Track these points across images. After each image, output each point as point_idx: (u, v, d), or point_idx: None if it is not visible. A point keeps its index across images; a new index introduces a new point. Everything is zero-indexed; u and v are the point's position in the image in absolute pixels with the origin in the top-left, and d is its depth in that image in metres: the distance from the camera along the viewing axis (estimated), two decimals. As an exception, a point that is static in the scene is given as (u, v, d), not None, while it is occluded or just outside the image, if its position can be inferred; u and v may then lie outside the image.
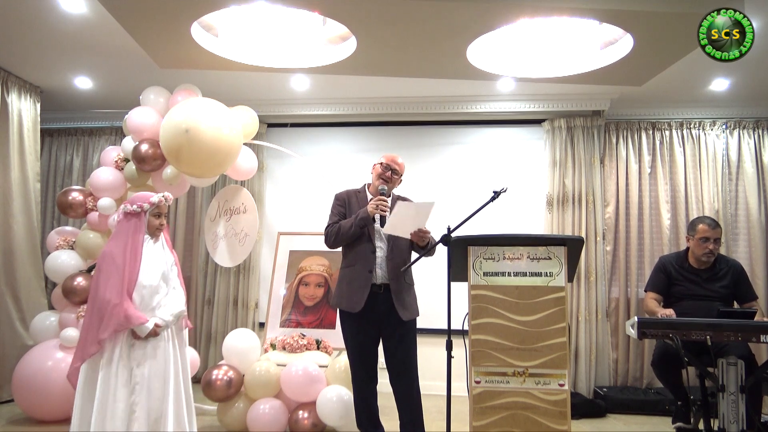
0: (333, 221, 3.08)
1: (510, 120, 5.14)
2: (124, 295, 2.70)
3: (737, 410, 2.77)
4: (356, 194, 3.15)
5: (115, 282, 2.71)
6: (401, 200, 3.09)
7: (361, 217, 2.94)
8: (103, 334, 2.66)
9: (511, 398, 2.48)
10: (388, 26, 3.39)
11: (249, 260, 5.10)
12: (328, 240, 3.06)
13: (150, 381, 2.72)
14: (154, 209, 2.90)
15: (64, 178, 5.60)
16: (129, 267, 2.75)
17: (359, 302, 2.91)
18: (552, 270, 2.56)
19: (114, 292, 2.69)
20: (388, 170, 3.06)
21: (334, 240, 3.03)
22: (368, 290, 2.91)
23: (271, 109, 5.13)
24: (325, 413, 3.44)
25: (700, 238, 3.39)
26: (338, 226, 3.02)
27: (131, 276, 2.75)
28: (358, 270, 2.96)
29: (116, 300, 2.67)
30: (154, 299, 2.80)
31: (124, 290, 2.71)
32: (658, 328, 2.80)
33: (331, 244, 3.06)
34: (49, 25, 3.68)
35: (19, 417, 3.97)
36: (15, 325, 4.42)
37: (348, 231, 2.97)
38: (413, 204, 2.95)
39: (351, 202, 3.10)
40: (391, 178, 3.05)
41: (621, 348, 4.82)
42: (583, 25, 3.64)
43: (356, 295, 2.92)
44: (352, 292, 2.94)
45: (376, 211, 2.88)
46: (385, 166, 3.07)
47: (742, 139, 4.89)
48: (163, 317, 2.78)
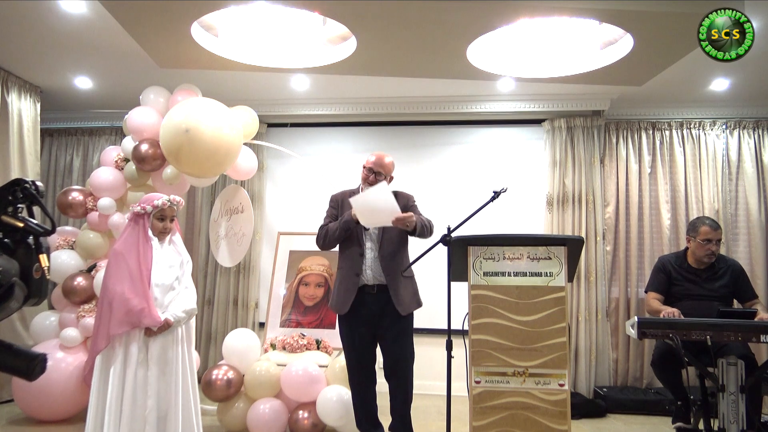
0: (324, 223, 3.10)
1: (510, 120, 5.14)
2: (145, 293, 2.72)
3: (737, 410, 2.77)
4: (351, 195, 3.13)
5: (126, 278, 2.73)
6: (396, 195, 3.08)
7: (344, 221, 2.95)
8: (114, 330, 2.68)
9: (511, 398, 2.48)
10: (388, 26, 3.39)
11: (249, 260, 5.11)
12: (318, 242, 3.10)
13: (159, 381, 2.75)
14: (157, 212, 2.91)
15: (64, 178, 5.60)
16: (142, 266, 2.77)
17: (346, 305, 2.96)
18: (552, 270, 2.56)
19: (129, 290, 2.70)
20: (371, 173, 3.03)
21: (323, 242, 3.07)
22: (355, 293, 2.95)
23: (271, 109, 5.13)
24: (325, 413, 3.44)
25: (703, 239, 3.40)
26: (326, 229, 3.04)
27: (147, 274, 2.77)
28: (346, 273, 3.00)
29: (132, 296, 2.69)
30: (166, 298, 2.85)
31: (144, 288, 2.73)
32: (658, 328, 2.80)
33: (320, 246, 3.10)
34: (49, 25, 3.68)
35: (19, 417, 3.97)
36: (15, 325, 4.42)
37: (334, 234, 2.99)
38: (366, 192, 2.86)
39: (344, 203, 3.09)
40: (375, 180, 3.00)
41: (621, 348, 4.82)
42: (583, 25, 3.64)
43: (344, 297, 2.97)
44: (340, 294, 3.00)
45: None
46: (368, 170, 3.04)
47: (742, 139, 4.88)
48: (175, 313, 2.82)
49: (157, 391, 2.73)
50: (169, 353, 2.81)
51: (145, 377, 2.72)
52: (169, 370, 2.79)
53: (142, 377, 2.72)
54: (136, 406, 2.68)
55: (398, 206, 2.81)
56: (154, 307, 2.75)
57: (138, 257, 2.79)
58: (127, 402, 2.66)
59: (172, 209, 2.96)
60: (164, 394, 2.76)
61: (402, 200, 3.07)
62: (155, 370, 2.74)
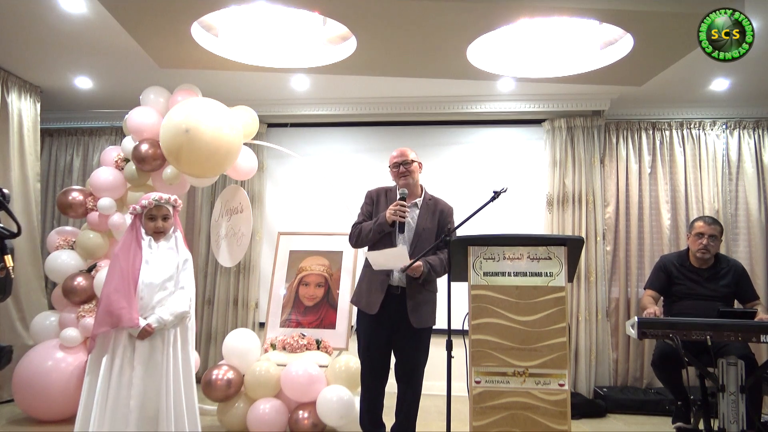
0: (358, 221, 3.07)
1: (510, 120, 5.14)
2: (128, 294, 2.71)
3: (737, 410, 2.77)
4: (386, 192, 3.10)
5: (115, 279, 2.74)
6: (432, 201, 3.07)
7: (379, 223, 2.92)
8: (95, 329, 2.72)
9: (511, 398, 2.48)
10: (388, 26, 3.39)
11: (249, 260, 5.11)
12: (351, 240, 3.06)
13: (146, 381, 2.73)
14: (147, 212, 2.90)
15: (64, 178, 5.60)
16: (131, 266, 2.77)
17: (375, 304, 2.91)
18: (552, 270, 2.56)
19: (113, 290, 2.71)
20: (397, 167, 3.03)
21: (356, 241, 3.04)
22: (384, 293, 2.91)
23: (271, 109, 5.13)
24: (325, 413, 3.43)
25: (696, 233, 3.42)
26: (360, 228, 3.01)
27: (133, 275, 2.76)
28: (377, 271, 2.94)
29: (115, 298, 2.69)
30: (154, 298, 2.80)
31: (127, 289, 2.72)
32: (658, 328, 2.80)
33: (353, 244, 3.07)
34: (49, 25, 3.68)
35: (19, 417, 3.97)
36: (15, 325, 4.42)
37: (368, 235, 2.96)
38: (388, 251, 2.87)
39: (380, 200, 3.06)
40: (406, 171, 3.00)
41: (621, 348, 4.82)
42: (583, 25, 3.64)
43: (373, 297, 2.92)
44: (370, 294, 2.95)
45: (394, 217, 2.86)
46: (393, 165, 3.04)
47: (742, 139, 4.89)
48: (162, 316, 2.77)
49: (143, 392, 2.70)
50: (156, 355, 2.77)
51: (129, 378, 2.70)
52: (157, 372, 2.75)
53: (127, 378, 2.70)
54: (118, 405, 2.66)
55: (407, 261, 2.81)
56: (135, 309, 2.71)
57: (128, 257, 2.79)
58: (111, 403, 2.66)
59: (161, 208, 2.90)
60: (153, 396, 2.73)
61: (439, 213, 3.05)
62: (140, 371, 2.71)
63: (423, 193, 3.10)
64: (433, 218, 3.03)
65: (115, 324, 2.69)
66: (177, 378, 2.83)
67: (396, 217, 2.85)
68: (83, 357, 3.73)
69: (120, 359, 2.71)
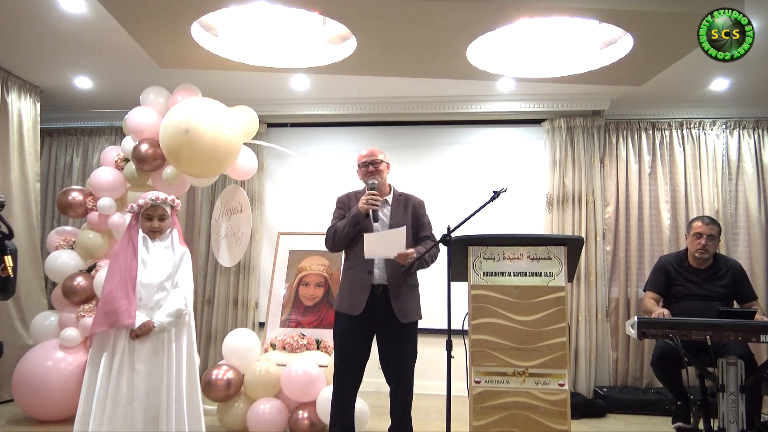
0: (332, 224, 3.06)
1: (510, 120, 5.14)
2: (128, 293, 2.72)
3: (737, 410, 2.77)
4: (356, 195, 3.09)
5: (114, 278, 2.75)
6: (402, 197, 3.07)
7: (353, 215, 2.90)
8: (93, 329, 2.72)
9: (511, 398, 2.48)
10: (388, 26, 3.39)
11: (249, 260, 5.11)
12: (327, 243, 3.04)
13: (148, 380, 2.73)
14: (144, 211, 2.90)
15: (64, 178, 5.60)
16: (129, 265, 2.77)
17: (360, 304, 2.88)
18: (552, 270, 2.56)
19: (114, 289, 2.72)
20: (366, 166, 3.02)
21: (333, 243, 3.01)
22: (368, 292, 2.88)
23: (271, 109, 5.13)
24: (324, 413, 3.42)
25: (694, 233, 3.42)
26: (334, 229, 3.00)
27: (130, 274, 2.75)
28: (357, 272, 2.93)
29: (115, 296, 2.70)
30: (153, 299, 2.81)
31: (127, 288, 2.72)
32: (658, 328, 2.80)
33: (330, 247, 3.05)
34: (49, 25, 3.68)
35: (19, 417, 3.97)
36: (15, 325, 4.42)
37: (343, 231, 2.94)
38: (385, 232, 2.87)
39: (351, 203, 3.05)
40: (375, 170, 3.00)
41: (621, 348, 4.83)
42: (583, 25, 3.64)
43: (356, 297, 2.90)
44: (353, 295, 2.92)
45: (366, 206, 2.84)
46: (362, 164, 3.04)
47: (742, 139, 4.89)
48: (159, 319, 2.77)
49: (147, 392, 2.70)
50: (158, 356, 2.77)
51: (129, 378, 2.70)
52: (158, 373, 2.75)
53: (126, 378, 2.69)
54: (117, 405, 2.66)
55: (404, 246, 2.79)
56: (134, 307, 2.71)
57: (126, 257, 2.79)
58: (110, 402, 2.66)
59: (158, 208, 2.90)
60: (154, 396, 2.73)
61: (412, 206, 3.06)
62: (142, 372, 2.71)
63: (392, 190, 3.11)
64: (406, 213, 3.03)
65: (114, 323, 2.69)
66: (179, 378, 2.83)
67: (369, 206, 2.84)
68: (83, 357, 3.73)
69: (120, 357, 2.71)
